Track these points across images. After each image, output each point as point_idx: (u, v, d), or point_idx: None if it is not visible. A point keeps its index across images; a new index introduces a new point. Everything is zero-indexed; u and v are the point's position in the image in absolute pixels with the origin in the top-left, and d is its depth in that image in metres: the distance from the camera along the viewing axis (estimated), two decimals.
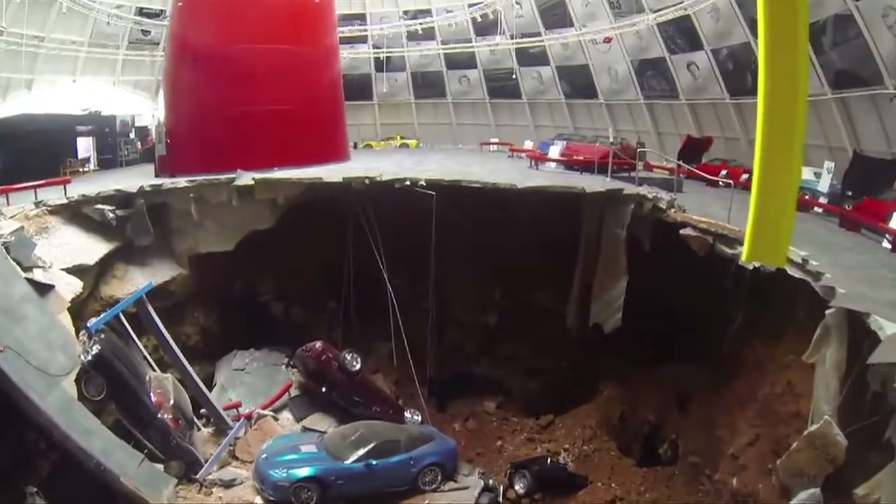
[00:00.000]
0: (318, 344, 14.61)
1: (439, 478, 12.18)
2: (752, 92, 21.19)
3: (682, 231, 12.42)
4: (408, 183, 14.92)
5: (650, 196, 14.03)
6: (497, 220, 17.20)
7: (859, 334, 7.76)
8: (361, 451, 11.64)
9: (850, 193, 15.07)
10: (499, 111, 35.09)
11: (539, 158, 21.21)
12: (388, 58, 34.82)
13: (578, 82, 31.03)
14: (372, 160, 21.73)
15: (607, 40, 28.05)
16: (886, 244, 12.02)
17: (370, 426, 12.74)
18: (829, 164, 16.69)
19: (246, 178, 16.05)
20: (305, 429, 13.67)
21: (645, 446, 15.21)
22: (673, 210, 13.14)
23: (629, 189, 14.64)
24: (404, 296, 16.78)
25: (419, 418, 14.96)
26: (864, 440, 7.56)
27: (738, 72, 21.98)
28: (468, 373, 18.58)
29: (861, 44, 16.14)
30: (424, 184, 14.75)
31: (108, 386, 11.08)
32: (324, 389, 14.02)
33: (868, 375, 7.42)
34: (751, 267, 10.76)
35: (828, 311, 8.17)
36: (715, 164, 19.96)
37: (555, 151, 20.99)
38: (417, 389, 15.70)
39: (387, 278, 15.64)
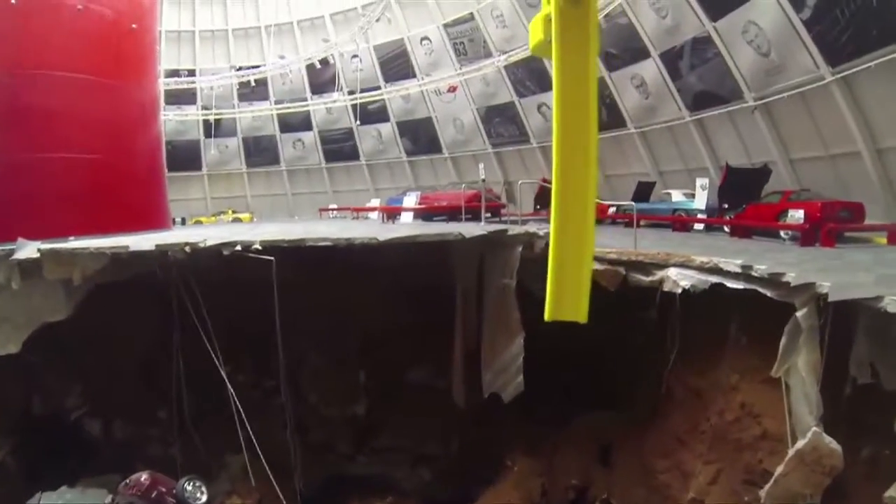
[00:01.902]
0: (144, 476, 10.37)
1: None
2: (606, 128, 21.23)
3: None
4: (238, 248, 11.59)
5: (542, 233, 12.00)
6: (355, 287, 14.45)
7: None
8: None
9: (726, 206, 15.35)
10: (336, 176, 33.59)
11: (394, 210, 18.98)
12: (218, 121, 32.11)
13: (421, 137, 30.07)
14: (198, 231, 18.38)
15: (452, 89, 27.32)
16: (789, 242, 12.76)
17: None
18: (702, 181, 16.64)
19: (29, 250, 11.84)
20: None
21: None
22: None
23: (514, 229, 12.59)
24: (252, 393, 13.43)
25: None
26: (849, 437, 7.12)
27: None
28: (344, 474, 15.18)
29: (719, 63, 16.65)
30: (260, 247, 11.59)
31: None
32: None
33: (851, 368, 7.06)
34: (679, 290, 9.34)
35: (798, 314, 7.38)
36: None
37: (411, 201, 18.95)
38: None
39: (224, 374, 12.07)
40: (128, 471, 10.95)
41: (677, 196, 18.05)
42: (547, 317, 3.91)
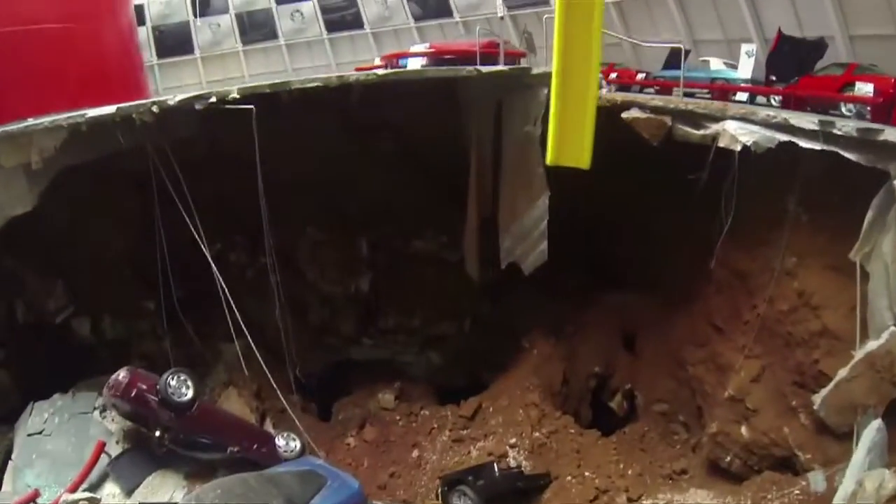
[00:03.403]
0: (122, 374, 9.54)
1: None
2: None
3: (624, 114, 8.95)
4: (213, 100, 10.04)
5: None
6: (354, 148, 13.18)
7: None
8: None
9: (773, 78, 14.08)
10: (339, 47, 31.66)
11: (399, 56, 17.52)
12: None
13: (430, 0, 28.43)
14: None
15: None
16: (848, 114, 11.80)
17: (228, 487, 8.13)
18: (748, 48, 14.95)
19: None
20: None
21: (594, 404, 12.50)
22: (604, 90, 9.62)
23: (539, 68, 10.82)
24: (246, 273, 12.47)
25: (297, 444, 10.56)
26: None
27: None
28: (347, 359, 14.44)
29: None
30: (238, 96, 10.04)
31: None
32: (157, 434, 9.34)
33: None
34: (738, 147, 7.84)
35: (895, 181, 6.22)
36: (602, 68, 17.86)
37: (419, 49, 17.53)
38: (283, 400, 11.34)
39: (211, 254, 10.87)
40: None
41: (716, 64, 16.51)
42: (549, 161, 3.94)
